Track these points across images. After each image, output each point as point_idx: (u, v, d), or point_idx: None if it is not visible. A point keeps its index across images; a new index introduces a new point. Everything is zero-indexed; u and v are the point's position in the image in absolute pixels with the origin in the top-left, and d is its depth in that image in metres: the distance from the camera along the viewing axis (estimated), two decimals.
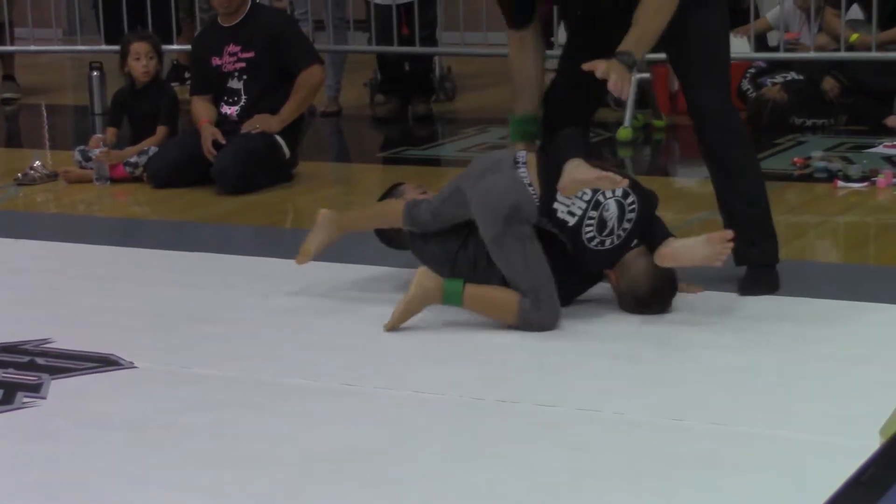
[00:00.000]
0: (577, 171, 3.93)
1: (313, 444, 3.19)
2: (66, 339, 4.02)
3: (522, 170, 4.02)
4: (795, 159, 6.47)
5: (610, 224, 4.01)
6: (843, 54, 7.41)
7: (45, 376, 3.72)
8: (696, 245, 4.00)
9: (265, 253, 5.05)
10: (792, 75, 7.70)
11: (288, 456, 3.13)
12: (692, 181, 6.51)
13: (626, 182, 3.96)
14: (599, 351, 3.81)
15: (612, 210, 4.01)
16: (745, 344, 3.80)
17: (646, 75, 7.61)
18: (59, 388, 3.64)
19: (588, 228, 3.99)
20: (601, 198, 4.00)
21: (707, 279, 4.38)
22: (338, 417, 3.39)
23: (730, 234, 4.00)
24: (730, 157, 4.36)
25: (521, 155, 4.09)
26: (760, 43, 8.30)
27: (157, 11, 8.75)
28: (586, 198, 3.99)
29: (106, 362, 3.84)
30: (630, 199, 4.04)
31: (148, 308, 4.36)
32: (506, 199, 3.97)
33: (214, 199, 6.13)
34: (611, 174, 3.92)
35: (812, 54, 7.56)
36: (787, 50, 7.75)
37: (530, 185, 3.98)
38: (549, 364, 3.72)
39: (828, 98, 7.51)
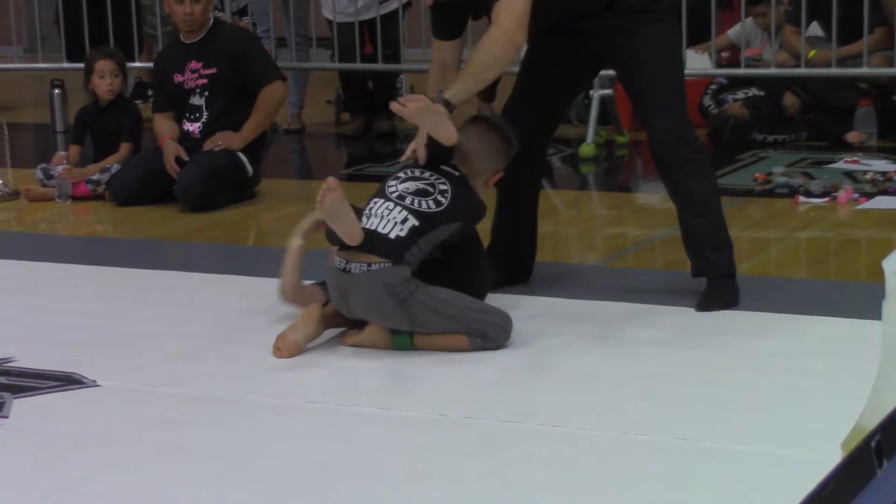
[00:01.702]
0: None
1: (277, 462, 3.19)
2: (29, 358, 4.00)
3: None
4: (757, 175, 6.51)
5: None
6: (803, 70, 7.47)
7: (7, 395, 3.71)
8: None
9: (228, 270, 5.04)
10: (753, 91, 7.75)
11: (251, 473, 3.12)
12: (655, 197, 6.54)
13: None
14: (562, 367, 3.82)
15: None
16: (707, 359, 3.81)
17: (608, 91, 7.65)
18: (21, 407, 3.63)
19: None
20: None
21: (669, 293, 4.40)
22: (301, 435, 3.38)
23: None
24: (682, 173, 4.37)
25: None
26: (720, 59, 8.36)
27: (119, 29, 8.73)
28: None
29: (69, 381, 3.83)
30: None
31: (111, 326, 4.35)
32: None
33: (177, 217, 6.11)
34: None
35: (772, 70, 7.61)
36: (748, 66, 7.80)
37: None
38: (512, 380, 3.73)
39: (788, 114, 7.56)
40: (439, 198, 4.03)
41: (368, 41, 8.32)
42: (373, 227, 3.96)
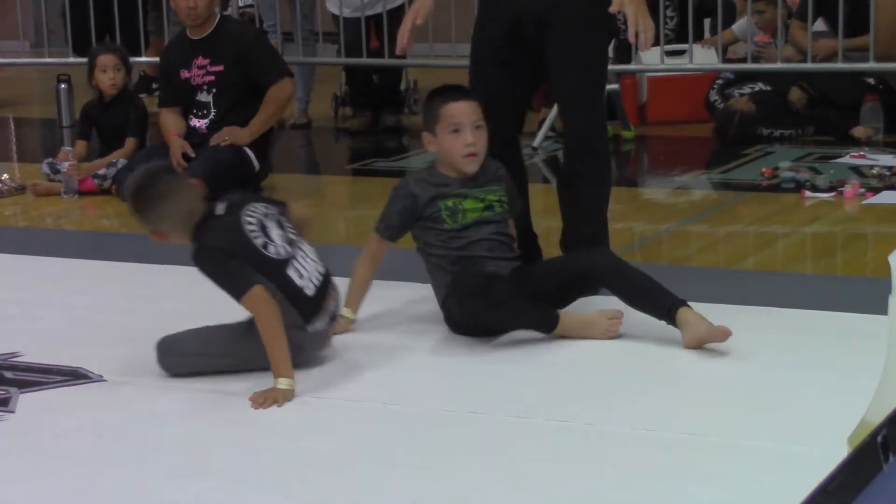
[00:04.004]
0: None
1: (284, 456, 3.19)
2: (35, 353, 4.01)
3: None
4: (764, 170, 6.51)
5: None
6: (809, 65, 7.46)
7: (13, 390, 3.71)
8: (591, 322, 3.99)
9: None
10: (759, 86, 7.74)
11: (258, 468, 3.13)
12: (661, 192, 6.54)
13: None
14: (569, 362, 3.82)
15: None
16: (713, 354, 3.81)
17: (614, 86, 7.64)
18: (27, 402, 3.63)
19: None
20: None
21: (676, 288, 4.40)
22: (309, 430, 3.38)
23: (620, 312, 3.98)
24: (584, 176, 4.44)
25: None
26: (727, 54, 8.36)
27: (126, 23, 8.73)
28: None
29: (75, 376, 3.83)
30: None
31: (117, 321, 4.35)
32: None
33: None
34: None
35: (779, 65, 7.60)
36: (757, 53, 7.79)
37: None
38: (519, 375, 3.73)
39: (795, 109, 7.56)
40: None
41: (374, 36, 8.32)
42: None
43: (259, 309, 3.63)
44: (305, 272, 3.80)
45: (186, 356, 3.79)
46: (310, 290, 3.78)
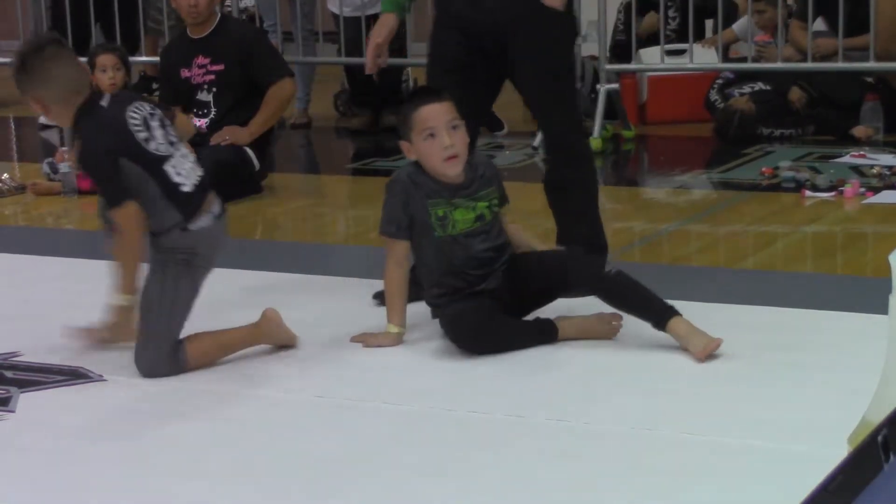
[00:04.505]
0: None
1: (283, 456, 3.19)
2: (35, 352, 4.01)
3: None
4: (764, 169, 6.51)
5: None
6: (810, 65, 7.46)
7: (13, 389, 3.71)
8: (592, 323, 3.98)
9: (234, 265, 5.03)
10: (759, 86, 7.74)
11: (258, 468, 3.13)
12: (661, 191, 6.54)
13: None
14: (569, 361, 3.82)
15: None
16: (713, 353, 3.81)
17: (615, 86, 7.64)
18: (28, 402, 3.63)
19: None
20: None
21: (676, 288, 4.40)
22: (307, 429, 3.39)
23: (619, 316, 3.96)
24: (568, 178, 4.44)
25: None
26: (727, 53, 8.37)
27: (125, 23, 8.73)
28: None
29: (75, 375, 3.83)
30: None
31: None
32: None
33: None
34: None
35: (779, 65, 7.61)
36: (758, 52, 7.79)
37: None
38: (518, 375, 3.73)
39: (795, 108, 7.56)
40: None
41: None
42: None
43: (127, 225, 3.72)
44: (183, 171, 3.83)
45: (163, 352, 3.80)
46: (187, 188, 3.81)
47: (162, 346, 3.78)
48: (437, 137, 3.92)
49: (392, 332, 3.97)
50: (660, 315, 3.84)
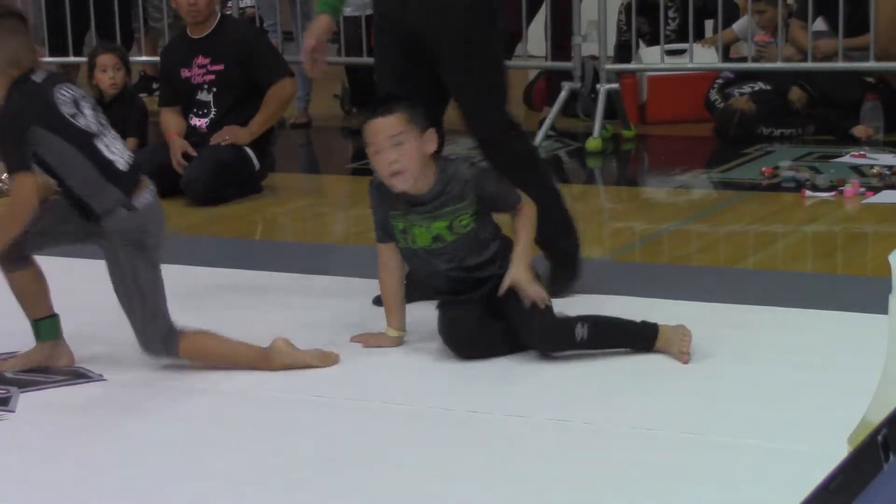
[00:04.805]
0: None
1: (283, 456, 3.19)
2: None
3: None
4: (764, 169, 6.50)
5: None
6: (810, 64, 7.46)
7: (13, 389, 3.71)
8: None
9: (234, 265, 5.04)
10: (759, 86, 7.74)
11: (258, 467, 3.13)
12: (662, 191, 6.54)
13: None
14: (569, 361, 3.81)
15: None
16: (713, 353, 3.81)
17: (615, 86, 7.64)
18: (27, 402, 3.63)
19: None
20: None
21: (676, 288, 4.40)
22: (308, 429, 3.39)
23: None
24: (515, 178, 4.16)
25: None
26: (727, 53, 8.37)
27: (125, 22, 8.72)
28: None
29: (75, 375, 3.83)
30: None
31: (117, 320, 4.33)
32: None
33: (184, 211, 6.11)
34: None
35: (779, 64, 7.60)
36: (758, 52, 7.79)
37: None
38: (518, 374, 3.73)
39: (795, 108, 7.55)
40: None
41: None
42: None
43: (19, 193, 3.69)
44: (115, 150, 3.80)
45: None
46: (121, 165, 3.78)
47: (148, 323, 3.75)
48: (381, 153, 3.86)
49: (392, 335, 3.97)
50: (645, 342, 3.80)
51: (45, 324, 3.90)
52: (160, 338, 3.76)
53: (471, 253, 3.87)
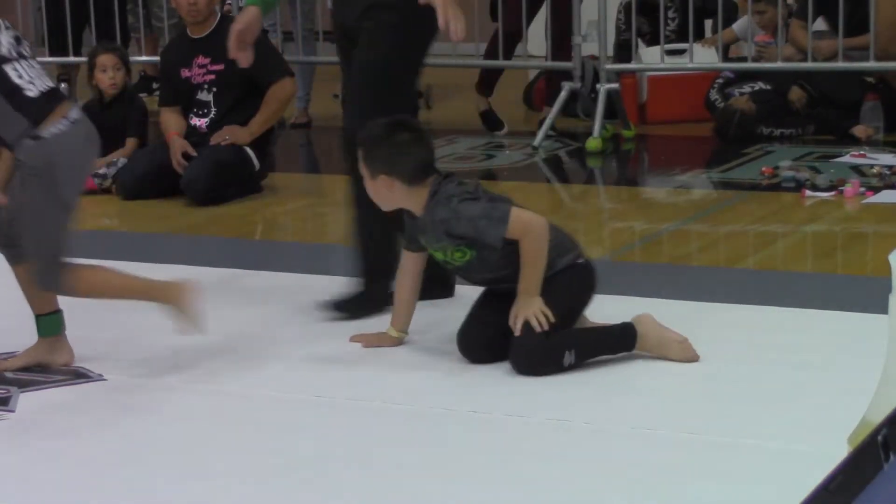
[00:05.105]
0: None
1: (283, 455, 3.19)
2: None
3: None
4: (764, 169, 6.50)
5: None
6: (810, 64, 7.45)
7: (13, 389, 3.71)
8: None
9: (234, 265, 5.04)
10: (759, 85, 7.74)
11: (257, 467, 3.13)
12: (662, 191, 6.54)
13: None
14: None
15: None
16: (713, 353, 3.81)
17: (615, 86, 7.64)
18: (27, 401, 3.63)
19: None
20: None
21: (676, 288, 4.40)
22: (308, 428, 3.39)
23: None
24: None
25: None
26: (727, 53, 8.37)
27: (110, 21, 8.71)
28: None
29: (75, 375, 3.83)
30: None
31: (117, 320, 4.35)
32: None
33: (184, 211, 6.12)
34: None
35: (779, 64, 7.60)
36: (758, 52, 7.79)
37: None
38: (518, 374, 3.72)
39: (795, 108, 7.55)
40: None
41: None
42: None
43: None
44: (28, 76, 3.66)
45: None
46: (32, 93, 3.64)
47: (43, 259, 3.68)
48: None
49: (393, 335, 3.97)
50: (626, 343, 3.78)
51: (46, 320, 3.87)
52: (55, 275, 3.67)
53: (488, 271, 3.82)
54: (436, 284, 4.23)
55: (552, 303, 3.71)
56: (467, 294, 4.06)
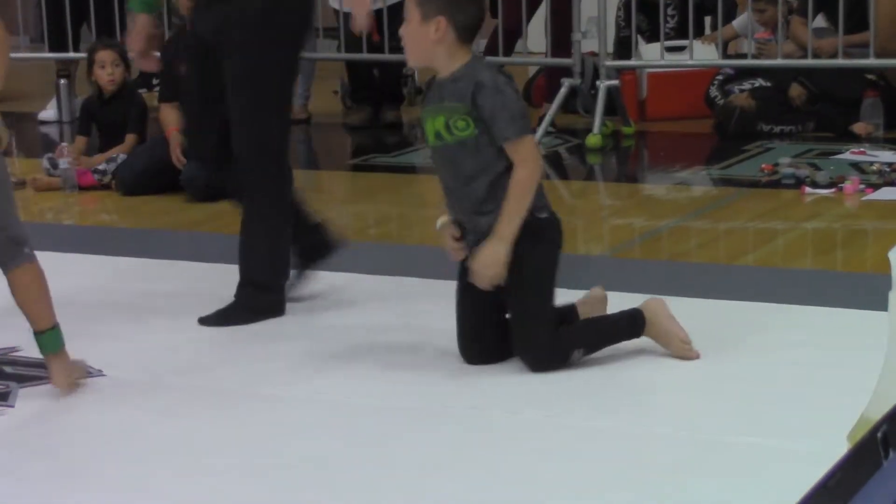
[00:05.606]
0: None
1: (282, 453, 3.19)
2: (34, 348, 3.99)
3: None
4: (764, 166, 6.50)
5: None
6: (810, 61, 7.45)
7: (12, 384, 3.71)
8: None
9: (234, 260, 5.03)
10: (759, 82, 7.74)
11: (257, 465, 3.13)
12: (661, 188, 6.54)
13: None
14: None
15: None
16: (713, 350, 3.80)
17: (614, 82, 7.63)
18: (27, 397, 3.63)
19: None
20: None
21: (676, 284, 4.40)
22: (308, 427, 3.39)
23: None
24: (250, 197, 4.33)
25: None
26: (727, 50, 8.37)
27: (106, 16, 8.71)
28: None
29: None
30: None
31: (117, 316, 4.35)
32: None
33: (183, 207, 6.12)
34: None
35: (779, 61, 7.60)
36: (758, 49, 7.78)
37: None
38: (518, 371, 3.72)
39: (795, 105, 7.55)
40: None
41: (375, 31, 8.30)
42: None
43: None
44: None
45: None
46: None
47: None
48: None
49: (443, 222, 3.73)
50: (633, 332, 3.78)
51: (47, 336, 3.74)
52: None
53: (470, 163, 3.62)
54: (319, 249, 4.42)
55: (536, 287, 3.66)
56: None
